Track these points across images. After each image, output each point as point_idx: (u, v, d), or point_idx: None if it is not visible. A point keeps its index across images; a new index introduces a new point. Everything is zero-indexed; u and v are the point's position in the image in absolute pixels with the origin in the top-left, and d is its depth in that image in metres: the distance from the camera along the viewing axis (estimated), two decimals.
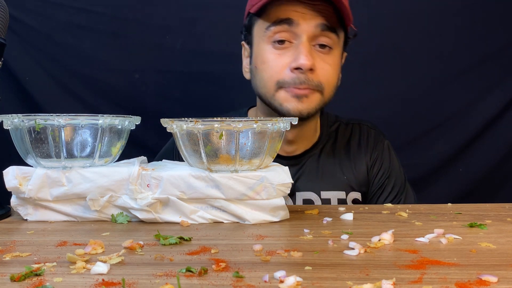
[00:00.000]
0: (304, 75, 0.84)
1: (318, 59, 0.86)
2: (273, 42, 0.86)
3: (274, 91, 0.87)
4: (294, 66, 0.84)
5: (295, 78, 0.84)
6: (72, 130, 0.64)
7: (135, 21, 1.38)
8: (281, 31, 0.85)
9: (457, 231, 0.59)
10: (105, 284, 0.41)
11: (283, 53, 0.86)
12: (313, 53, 0.85)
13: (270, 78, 0.87)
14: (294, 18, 0.84)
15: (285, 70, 0.85)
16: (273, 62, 0.86)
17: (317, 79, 0.85)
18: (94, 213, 0.66)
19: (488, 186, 1.43)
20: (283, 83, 0.86)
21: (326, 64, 0.87)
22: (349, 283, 0.41)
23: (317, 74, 0.85)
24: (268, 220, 0.65)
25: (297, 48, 0.84)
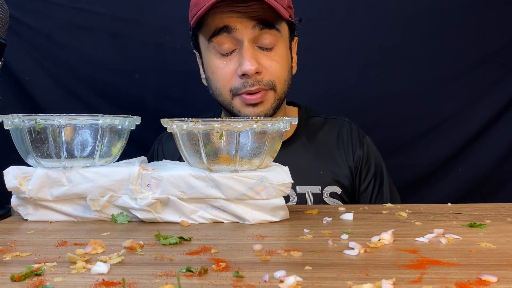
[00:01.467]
0: (252, 78, 0.85)
1: (263, 58, 0.87)
2: (219, 52, 0.88)
3: (230, 99, 0.89)
4: (240, 73, 0.85)
5: (245, 83, 0.86)
6: (72, 130, 0.64)
7: (135, 21, 1.38)
8: (222, 40, 0.86)
9: (457, 231, 0.59)
10: (105, 284, 0.41)
11: (229, 60, 0.88)
12: (257, 54, 0.86)
13: (223, 88, 0.89)
14: (231, 24, 0.84)
15: (234, 77, 0.87)
16: (221, 71, 0.88)
17: (267, 78, 0.87)
18: (94, 213, 0.66)
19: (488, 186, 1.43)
20: (235, 90, 0.87)
21: (273, 62, 0.87)
22: (349, 283, 0.41)
23: (265, 73, 0.87)
24: (268, 220, 0.65)
25: (240, 53, 0.86)
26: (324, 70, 1.39)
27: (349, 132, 1.01)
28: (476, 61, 1.41)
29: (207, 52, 0.90)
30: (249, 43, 0.85)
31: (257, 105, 0.87)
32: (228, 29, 0.85)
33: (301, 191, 0.93)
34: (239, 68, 0.85)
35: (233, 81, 0.87)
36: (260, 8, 0.84)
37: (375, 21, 1.40)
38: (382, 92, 1.42)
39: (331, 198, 0.93)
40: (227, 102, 0.90)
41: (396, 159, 1.39)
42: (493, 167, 1.42)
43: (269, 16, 0.85)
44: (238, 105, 0.89)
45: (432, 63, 1.41)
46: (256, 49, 0.87)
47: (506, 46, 1.40)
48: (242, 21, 0.84)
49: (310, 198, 0.92)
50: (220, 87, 0.89)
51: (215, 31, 0.86)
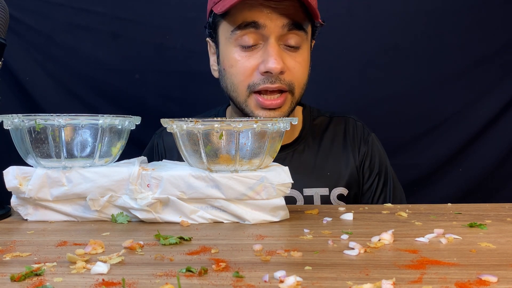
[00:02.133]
0: (274, 77, 0.82)
1: (288, 58, 0.83)
2: (240, 45, 0.83)
3: (246, 97, 0.85)
4: (263, 70, 0.81)
5: (265, 79, 0.82)
6: (72, 130, 0.64)
7: (135, 21, 1.38)
8: (248, 34, 0.82)
9: (457, 231, 0.59)
10: (105, 284, 0.41)
11: (251, 55, 0.83)
12: (282, 53, 0.82)
13: (241, 83, 0.84)
14: (260, 21, 0.80)
15: (254, 72, 0.83)
16: (241, 66, 0.83)
17: (288, 79, 0.83)
18: (94, 213, 0.66)
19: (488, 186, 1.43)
20: (253, 85, 0.83)
21: (297, 63, 0.84)
22: (349, 283, 0.41)
23: (287, 74, 0.83)
24: (268, 220, 0.65)
25: (265, 50, 0.82)
26: (324, 70, 1.39)
27: (354, 130, 0.99)
28: (476, 61, 1.41)
29: (227, 43, 0.85)
30: (276, 40, 0.82)
31: (274, 109, 0.84)
32: (257, 25, 0.81)
33: (308, 193, 0.91)
34: (263, 64, 0.81)
35: (253, 77, 0.83)
36: (291, 7, 0.81)
37: (375, 21, 1.40)
38: (382, 92, 1.42)
39: (339, 201, 0.91)
40: (242, 99, 0.85)
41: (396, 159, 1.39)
42: (493, 167, 1.42)
43: (299, 17, 0.82)
44: (253, 106, 0.85)
45: (432, 63, 1.41)
46: (281, 48, 0.83)
47: (506, 46, 1.40)
48: (272, 18, 0.80)
49: (318, 201, 0.90)
50: (238, 82, 0.85)
51: (242, 24, 0.81)
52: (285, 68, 0.82)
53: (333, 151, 0.96)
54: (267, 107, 0.83)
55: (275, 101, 0.83)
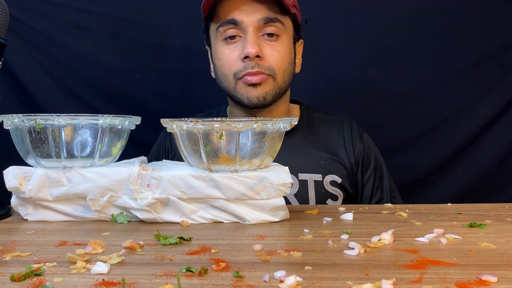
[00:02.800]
0: (253, 62, 0.91)
1: (266, 46, 0.93)
2: (224, 39, 0.94)
3: (235, 84, 0.94)
4: (242, 55, 0.91)
5: (246, 65, 0.92)
6: (72, 130, 0.64)
7: (135, 21, 1.38)
8: (229, 29, 0.93)
9: (457, 231, 0.59)
10: (105, 284, 0.41)
11: (234, 47, 0.94)
12: (260, 42, 0.92)
13: (228, 72, 0.95)
14: (237, 17, 0.91)
15: (237, 61, 0.93)
16: (226, 57, 0.94)
17: (267, 64, 0.92)
18: (94, 213, 0.66)
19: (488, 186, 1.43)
20: (238, 72, 0.93)
21: (275, 51, 0.93)
22: (349, 283, 0.41)
23: (266, 60, 0.92)
24: (268, 220, 0.65)
25: (244, 39, 0.92)
26: (324, 69, 1.39)
27: (349, 128, 1.05)
28: (476, 61, 1.40)
29: (215, 41, 0.97)
30: (253, 31, 0.92)
31: (256, 86, 0.92)
32: (235, 22, 0.92)
33: (303, 178, 0.96)
34: (242, 51, 0.91)
35: (236, 65, 0.93)
36: (265, 1, 0.91)
37: (375, 20, 1.40)
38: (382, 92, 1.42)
39: (332, 186, 0.96)
40: (232, 87, 0.95)
41: (396, 159, 1.39)
42: (493, 167, 1.42)
43: (273, 11, 0.92)
44: (242, 89, 0.93)
45: (432, 63, 1.41)
46: (260, 38, 0.93)
47: (506, 46, 1.40)
48: (248, 14, 0.91)
49: (312, 185, 0.96)
50: (226, 72, 0.95)
51: (223, 21, 0.93)
52: (261, 53, 0.91)
53: (327, 142, 1.02)
54: (249, 82, 0.92)
55: (254, 76, 0.92)
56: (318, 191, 0.95)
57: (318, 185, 0.96)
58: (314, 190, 0.95)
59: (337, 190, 0.96)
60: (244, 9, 0.91)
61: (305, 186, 0.95)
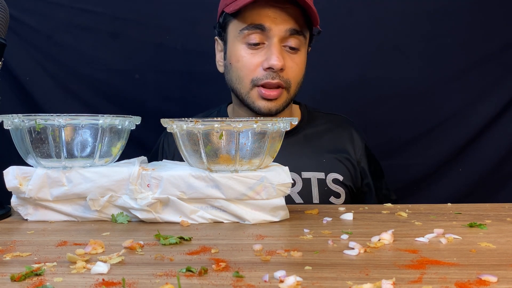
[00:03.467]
0: (275, 73, 0.92)
1: (287, 58, 0.93)
2: (247, 42, 0.93)
3: (249, 89, 0.94)
4: (267, 66, 0.91)
5: (267, 75, 0.92)
6: (72, 130, 0.64)
7: (135, 21, 1.38)
8: (254, 34, 0.92)
9: (457, 231, 0.59)
10: (105, 284, 0.41)
11: (256, 52, 0.93)
12: (283, 53, 0.92)
13: (246, 77, 0.94)
14: (266, 24, 0.90)
15: (258, 68, 0.93)
16: (247, 61, 0.93)
17: (286, 77, 0.93)
18: (94, 213, 0.66)
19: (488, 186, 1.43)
20: (257, 80, 0.93)
21: (295, 64, 0.95)
22: (349, 283, 0.41)
23: (286, 72, 0.93)
24: (268, 220, 0.65)
25: (269, 49, 0.92)
26: (324, 69, 1.39)
27: (349, 128, 1.07)
28: (476, 61, 1.40)
29: (235, 40, 0.95)
30: (278, 41, 0.91)
31: (271, 100, 0.93)
32: (263, 27, 0.91)
33: (306, 176, 0.97)
34: (266, 61, 0.91)
35: (256, 72, 0.93)
36: (294, 13, 0.91)
37: (375, 21, 1.40)
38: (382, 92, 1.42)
39: (334, 185, 0.98)
40: (245, 90, 0.95)
41: (396, 159, 1.39)
42: (493, 167, 1.42)
43: (300, 23, 0.92)
44: (254, 97, 0.94)
45: (432, 63, 1.41)
46: (282, 48, 0.93)
47: (506, 46, 1.40)
48: (276, 22, 0.90)
49: (315, 183, 0.97)
50: (243, 76, 0.94)
51: (250, 25, 0.91)
52: (285, 66, 0.92)
53: (328, 141, 1.04)
54: (266, 97, 0.93)
55: (273, 92, 0.93)
56: (321, 189, 0.97)
57: (321, 183, 0.97)
58: (317, 188, 0.97)
59: (340, 188, 0.98)
60: (273, 17, 0.90)
61: (309, 184, 0.97)
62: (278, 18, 0.90)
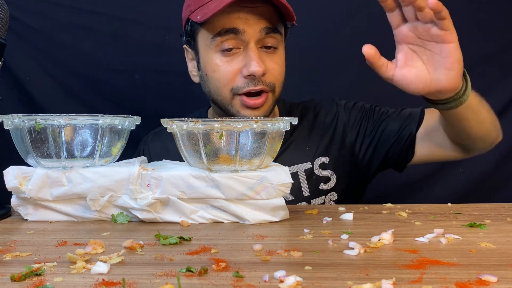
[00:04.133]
0: (257, 79, 0.86)
1: (267, 60, 0.87)
2: (221, 50, 0.87)
3: (230, 99, 0.89)
4: (247, 73, 0.85)
5: (248, 82, 0.86)
6: (72, 130, 0.64)
7: (135, 21, 1.38)
8: (228, 40, 0.86)
9: (457, 231, 0.59)
10: (105, 284, 0.41)
11: (232, 59, 0.87)
12: (262, 56, 0.87)
13: (224, 87, 0.88)
14: (239, 26, 0.84)
15: (237, 76, 0.87)
16: (224, 70, 0.87)
17: (269, 80, 0.88)
18: (94, 213, 0.66)
19: (488, 186, 1.43)
20: (237, 89, 0.87)
21: (276, 64, 0.89)
22: (349, 283, 0.41)
23: (268, 76, 0.87)
24: (268, 220, 0.65)
25: (246, 54, 0.86)
26: (324, 70, 1.39)
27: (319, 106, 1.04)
28: (476, 61, 1.40)
29: (208, 49, 0.89)
30: (255, 44, 0.86)
31: (257, 108, 0.88)
32: (236, 31, 0.85)
33: (292, 170, 0.95)
34: (246, 68, 0.85)
35: (236, 80, 0.87)
36: (266, 11, 0.85)
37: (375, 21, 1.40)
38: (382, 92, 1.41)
39: (321, 170, 0.97)
40: (226, 101, 0.89)
41: None
42: (493, 167, 1.42)
43: (274, 20, 0.87)
44: (238, 106, 0.88)
45: None
46: (260, 51, 0.87)
47: (506, 46, 1.40)
48: (250, 23, 0.84)
49: (303, 175, 0.96)
50: (221, 86, 0.88)
51: (221, 31, 0.85)
52: (266, 70, 0.86)
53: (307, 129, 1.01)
54: (251, 106, 0.87)
55: (257, 100, 0.87)
56: (310, 179, 0.96)
57: (308, 173, 0.96)
58: (306, 180, 0.95)
59: (328, 171, 0.97)
60: (244, 18, 0.84)
61: (297, 178, 0.95)
62: (251, 19, 0.84)
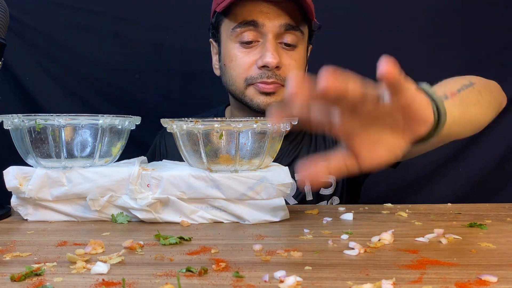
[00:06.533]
0: (271, 71, 0.87)
1: (284, 55, 0.89)
2: (240, 41, 0.89)
3: (244, 89, 0.90)
4: (261, 64, 0.87)
5: (262, 74, 0.88)
6: (72, 130, 0.64)
7: (135, 21, 1.38)
8: (247, 31, 0.88)
9: (457, 231, 0.59)
10: (105, 284, 0.41)
11: (250, 51, 0.89)
12: (279, 50, 0.88)
13: (239, 76, 0.90)
14: (259, 19, 0.86)
15: (252, 67, 0.89)
16: (240, 60, 0.90)
17: (283, 75, 0.89)
18: (94, 213, 0.66)
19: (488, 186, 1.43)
20: (251, 79, 0.89)
21: (292, 61, 0.90)
22: (349, 283, 0.41)
23: (283, 70, 0.89)
24: (268, 220, 0.65)
25: (263, 46, 0.88)
26: None
27: None
28: (476, 61, 1.40)
29: (228, 40, 0.91)
30: (273, 38, 0.87)
31: (269, 94, 0.89)
32: (256, 24, 0.87)
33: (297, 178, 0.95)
34: (260, 59, 0.87)
35: (250, 71, 0.89)
36: (289, 7, 0.86)
37: (375, 21, 1.40)
38: None
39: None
40: (240, 91, 0.91)
41: None
42: (493, 167, 1.42)
43: (295, 17, 0.88)
44: (252, 94, 0.90)
45: (432, 63, 1.41)
46: (278, 45, 0.89)
47: (506, 46, 1.40)
48: (270, 17, 0.86)
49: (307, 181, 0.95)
50: (236, 75, 0.91)
51: (242, 22, 0.87)
52: (280, 64, 0.88)
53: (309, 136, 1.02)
54: (263, 90, 0.88)
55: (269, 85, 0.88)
56: None
57: None
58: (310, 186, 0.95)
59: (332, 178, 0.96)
60: (266, 12, 0.86)
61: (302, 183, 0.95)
62: (272, 13, 0.86)
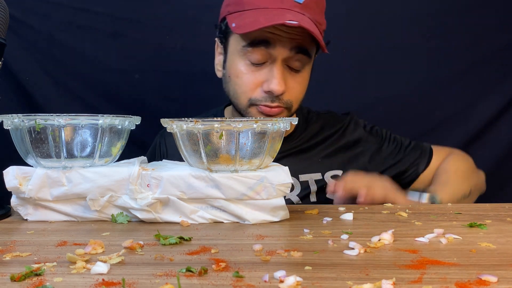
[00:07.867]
0: (275, 97, 0.88)
1: (289, 79, 0.89)
2: (249, 60, 0.89)
3: (246, 107, 0.91)
4: (267, 89, 0.87)
5: (266, 97, 0.88)
6: (72, 130, 0.64)
7: (135, 21, 1.38)
8: (258, 51, 0.87)
9: (457, 231, 0.59)
10: (105, 284, 0.41)
11: (257, 70, 0.89)
12: (285, 74, 0.88)
13: (243, 94, 0.90)
14: (271, 40, 0.86)
15: (258, 88, 0.89)
16: (247, 79, 0.89)
17: (287, 98, 0.89)
18: (94, 213, 0.66)
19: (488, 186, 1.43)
20: (255, 100, 0.89)
21: (297, 84, 0.91)
22: (349, 283, 0.41)
23: (287, 94, 0.89)
24: (268, 220, 0.65)
25: (271, 69, 0.88)
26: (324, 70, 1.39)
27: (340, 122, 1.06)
28: (476, 61, 1.40)
29: (237, 55, 0.90)
30: (282, 62, 0.87)
31: (271, 116, 0.90)
32: (267, 44, 0.86)
33: (303, 179, 0.97)
34: (267, 84, 0.87)
35: (255, 92, 0.89)
36: (301, 33, 0.85)
37: (375, 21, 1.40)
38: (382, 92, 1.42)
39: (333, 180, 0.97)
40: (242, 107, 0.92)
41: None
42: (493, 167, 1.42)
43: (306, 43, 0.88)
44: (254, 113, 0.91)
45: (432, 63, 1.41)
46: (285, 69, 0.89)
47: (506, 46, 1.40)
48: (282, 39, 0.85)
49: (313, 183, 0.97)
50: (241, 92, 0.91)
51: (254, 41, 0.86)
52: (286, 89, 0.88)
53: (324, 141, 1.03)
54: (267, 113, 0.89)
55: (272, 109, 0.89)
56: (319, 188, 0.96)
57: (319, 183, 0.97)
58: (316, 188, 0.96)
59: None
60: (278, 34, 0.85)
61: (307, 186, 0.97)
62: (284, 35, 0.85)
